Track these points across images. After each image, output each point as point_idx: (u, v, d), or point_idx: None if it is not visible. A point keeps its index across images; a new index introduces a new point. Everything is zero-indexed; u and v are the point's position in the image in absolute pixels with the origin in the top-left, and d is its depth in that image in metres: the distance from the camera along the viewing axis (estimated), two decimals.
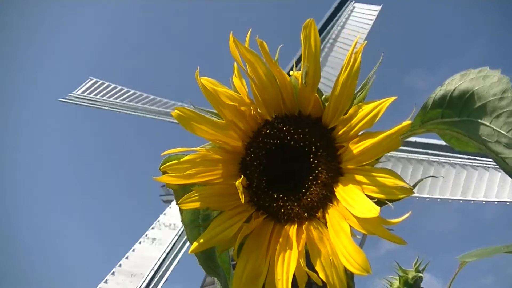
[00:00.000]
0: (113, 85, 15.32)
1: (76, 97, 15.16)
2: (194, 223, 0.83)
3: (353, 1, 13.98)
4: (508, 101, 0.70)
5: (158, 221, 11.86)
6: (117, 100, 14.78)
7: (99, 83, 15.47)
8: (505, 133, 0.70)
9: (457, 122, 0.78)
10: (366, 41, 0.69)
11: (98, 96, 14.99)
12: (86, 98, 15.04)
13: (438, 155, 10.56)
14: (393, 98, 0.68)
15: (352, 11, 13.83)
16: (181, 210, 0.81)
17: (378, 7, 13.63)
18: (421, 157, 10.68)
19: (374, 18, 13.39)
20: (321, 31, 13.54)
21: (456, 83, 0.77)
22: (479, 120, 0.74)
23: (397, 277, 1.42)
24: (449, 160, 10.45)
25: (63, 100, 15.25)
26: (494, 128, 0.71)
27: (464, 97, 0.75)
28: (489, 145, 0.73)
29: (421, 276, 1.39)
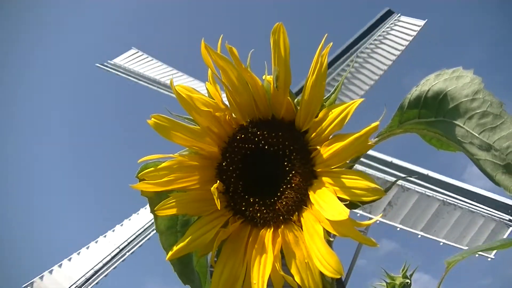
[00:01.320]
0: (154, 60, 15.23)
1: (114, 65, 15.11)
2: (172, 230, 0.83)
3: (399, 14, 13.88)
4: (479, 103, 0.69)
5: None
6: (155, 75, 14.65)
7: (140, 54, 15.39)
8: (477, 135, 0.69)
9: (434, 122, 0.77)
10: (331, 43, 0.69)
11: (136, 68, 14.93)
12: (123, 68, 14.99)
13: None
14: (361, 100, 0.68)
15: (395, 24, 13.70)
16: (155, 217, 0.82)
17: (422, 22, 13.52)
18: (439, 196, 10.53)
19: (415, 32, 13.30)
20: (361, 38, 13.55)
21: (430, 83, 0.77)
22: (454, 121, 0.73)
23: (385, 284, 1.40)
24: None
25: (101, 66, 15.19)
26: (467, 129, 0.71)
27: (438, 98, 0.75)
28: (464, 146, 0.73)
29: (408, 282, 1.38)
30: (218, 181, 0.76)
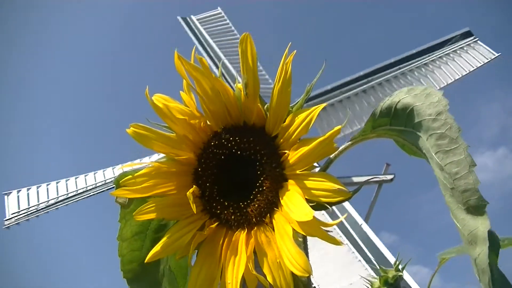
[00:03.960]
0: (229, 25, 14.53)
1: (192, 21, 14.46)
2: (140, 235, 0.87)
3: (477, 39, 13.56)
4: (440, 124, 0.72)
5: None
6: (217, 43, 13.87)
7: (221, 17, 14.72)
8: (433, 154, 0.72)
9: (404, 131, 0.80)
10: (295, 51, 0.72)
11: (209, 31, 14.22)
12: (197, 27, 14.28)
13: None
14: (324, 105, 0.71)
15: (469, 46, 13.36)
16: (122, 226, 0.86)
17: (495, 55, 12.92)
18: None
19: (484, 62, 12.83)
20: (428, 51, 13.27)
21: (401, 96, 0.80)
22: (419, 135, 0.76)
23: (378, 277, 1.42)
24: None
25: (181, 20, 14.51)
26: (428, 146, 0.73)
27: (407, 111, 0.78)
28: (427, 158, 0.76)
29: (401, 275, 1.40)
30: (194, 186, 0.79)
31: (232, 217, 0.80)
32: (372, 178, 11.50)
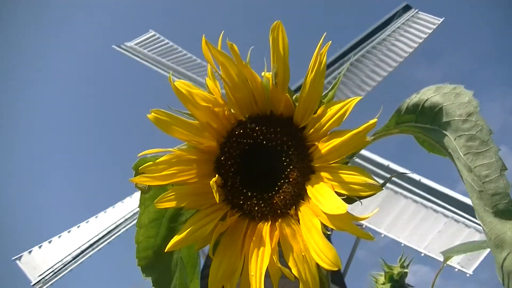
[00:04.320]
0: (170, 44, 14.83)
1: (131, 48, 14.63)
2: (156, 222, 0.85)
3: (417, 10, 13.82)
4: (470, 125, 0.71)
5: None
6: (169, 61, 14.24)
7: (157, 38, 14.93)
8: (462, 155, 0.71)
9: (429, 129, 0.80)
10: (330, 42, 0.70)
11: (153, 52, 14.45)
12: (138, 51, 14.52)
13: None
14: (359, 97, 0.70)
15: (411, 19, 13.63)
16: (142, 212, 0.84)
17: (439, 20, 13.45)
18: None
19: (431, 30, 13.24)
20: (375, 32, 13.53)
21: (430, 94, 0.79)
22: (446, 133, 0.75)
23: (383, 273, 1.43)
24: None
25: (117, 48, 14.71)
26: (456, 146, 0.73)
27: (435, 110, 0.77)
28: (453, 158, 0.76)
29: (406, 272, 1.41)
30: (216, 175, 0.77)
31: (256, 208, 0.78)
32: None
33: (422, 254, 10.26)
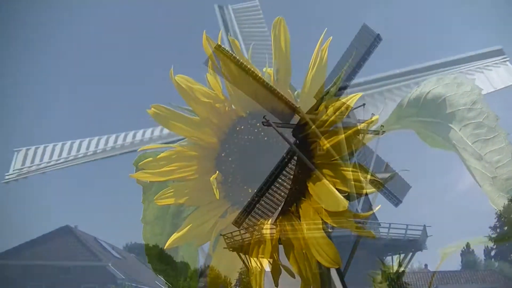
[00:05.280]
0: None
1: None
2: (160, 219, 0.85)
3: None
4: (476, 113, 0.71)
5: None
6: None
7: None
8: (470, 144, 0.71)
9: (432, 122, 0.79)
10: (331, 37, 0.70)
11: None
12: None
13: None
14: (359, 94, 0.70)
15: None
16: (145, 208, 0.84)
17: None
18: None
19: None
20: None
21: (431, 86, 0.78)
22: (450, 125, 0.75)
23: (380, 272, 1.42)
24: None
25: None
26: (462, 136, 0.72)
27: (437, 101, 0.77)
28: (458, 150, 0.75)
29: (404, 271, 1.41)
30: (217, 172, 0.77)
31: (257, 205, 0.78)
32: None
33: None
